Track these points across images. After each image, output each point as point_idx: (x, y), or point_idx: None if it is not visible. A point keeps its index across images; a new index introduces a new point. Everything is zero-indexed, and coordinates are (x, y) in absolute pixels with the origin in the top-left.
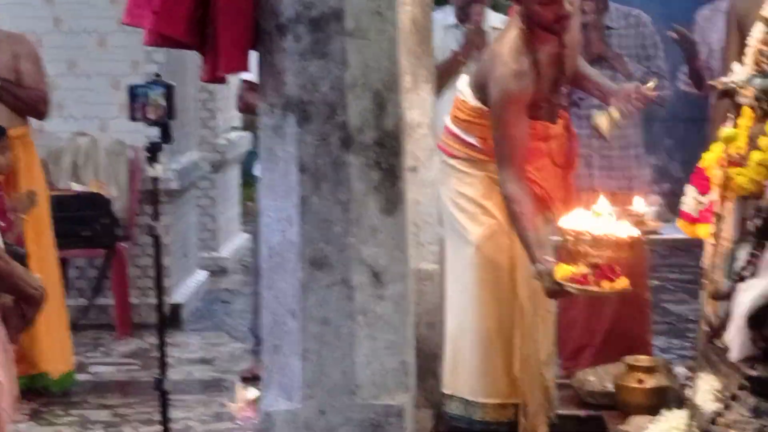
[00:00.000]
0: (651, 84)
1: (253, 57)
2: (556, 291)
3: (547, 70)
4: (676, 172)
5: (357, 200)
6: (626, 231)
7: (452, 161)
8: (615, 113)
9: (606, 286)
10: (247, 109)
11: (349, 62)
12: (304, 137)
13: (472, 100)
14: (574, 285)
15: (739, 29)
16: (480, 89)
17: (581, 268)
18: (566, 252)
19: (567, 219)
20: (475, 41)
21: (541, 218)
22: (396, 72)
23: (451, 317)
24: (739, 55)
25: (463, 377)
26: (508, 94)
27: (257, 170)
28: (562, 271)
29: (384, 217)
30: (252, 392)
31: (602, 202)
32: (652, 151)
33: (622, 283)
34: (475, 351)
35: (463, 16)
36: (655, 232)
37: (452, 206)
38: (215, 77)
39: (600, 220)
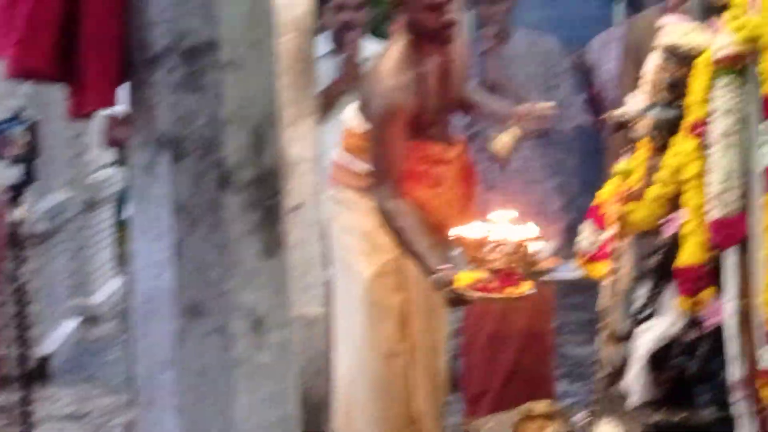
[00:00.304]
0: (546, 104)
1: (124, 91)
2: (455, 300)
3: (434, 85)
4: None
5: (235, 243)
6: (525, 235)
7: (343, 194)
8: (514, 133)
9: (510, 291)
10: (114, 143)
11: (225, 96)
12: (179, 176)
13: (362, 126)
14: (476, 293)
15: (633, 58)
16: (365, 110)
17: (482, 275)
18: (466, 260)
19: (464, 228)
20: (350, 71)
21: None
22: (276, 106)
23: (341, 362)
24: (636, 85)
25: (359, 426)
26: (390, 108)
27: (127, 212)
28: (463, 280)
29: (264, 260)
30: None
31: (499, 212)
32: (558, 184)
33: (526, 286)
34: (369, 396)
35: (337, 45)
36: (551, 271)
37: (343, 243)
38: (82, 113)
39: (497, 226)
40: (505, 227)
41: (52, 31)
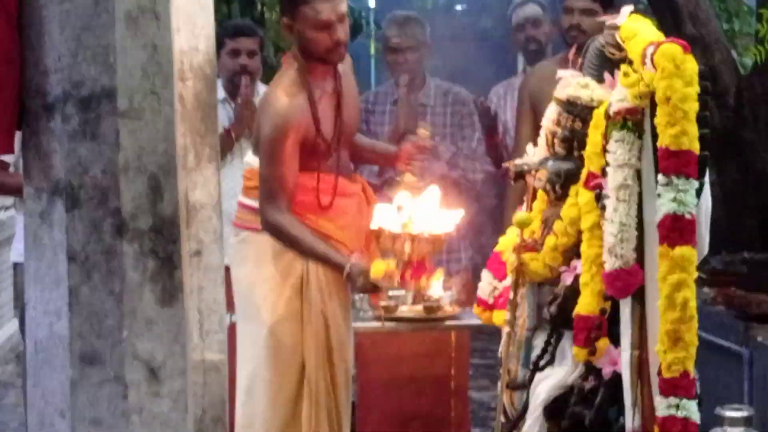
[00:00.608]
0: (422, 131)
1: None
2: (368, 288)
3: (326, 111)
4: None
5: (131, 291)
6: (440, 227)
7: (250, 236)
8: (410, 178)
9: (423, 281)
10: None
11: (122, 144)
12: (74, 224)
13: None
14: (390, 282)
15: (531, 108)
16: (258, 136)
17: (394, 265)
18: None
19: (380, 218)
20: (245, 116)
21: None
22: (173, 154)
23: (242, 408)
24: (533, 134)
25: None
26: (280, 127)
27: (15, 256)
28: (377, 268)
29: (161, 309)
30: None
31: (403, 198)
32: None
33: (438, 275)
34: None
35: (231, 90)
36: (453, 317)
37: (248, 287)
38: None
39: (410, 217)
40: (419, 215)
41: None
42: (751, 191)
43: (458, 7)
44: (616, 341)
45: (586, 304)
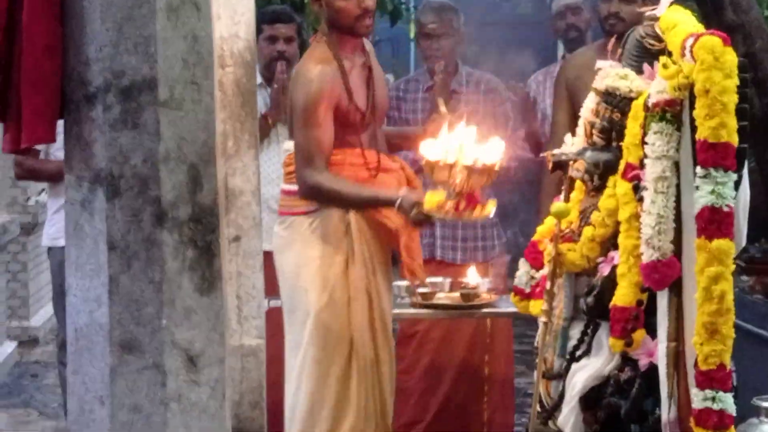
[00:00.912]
0: (443, 110)
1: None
2: (421, 220)
3: (357, 82)
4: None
5: (170, 280)
6: (492, 158)
7: (296, 220)
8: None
9: (477, 212)
10: (25, 176)
11: (162, 134)
12: (114, 213)
13: None
14: (444, 213)
15: (568, 96)
16: (292, 107)
17: (447, 197)
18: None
19: (430, 150)
20: (281, 102)
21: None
22: (212, 144)
23: (292, 391)
24: (569, 123)
25: None
26: (312, 94)
27: (47, 240)
28: (431, 200)
29: (199, 298)
30: None
31: (464, 129)
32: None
33: (491, 205)
34: (330, 418)
35: (268, 76)
36: (489, 305)
37: (295, 272)
38: (18, 148)
39: (462, 147)
40: (469, 147)
41: None
42: None
43: None
44: (652, 333)
45: (623, 296)
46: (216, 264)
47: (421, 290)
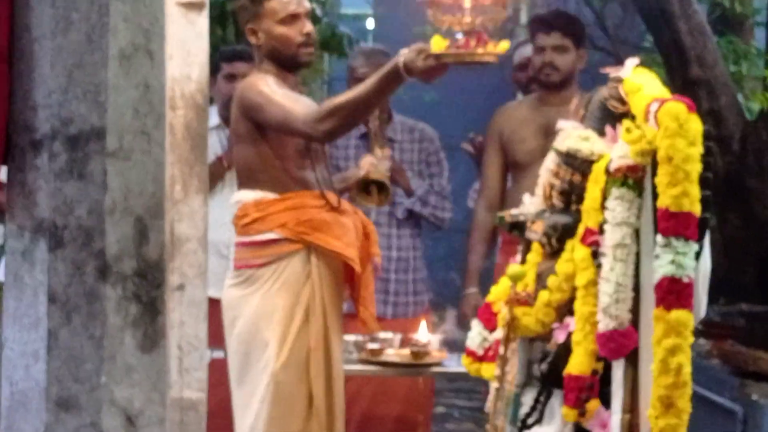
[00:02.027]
0: (381, 151)
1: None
2: (432, 66)
3: None
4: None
5: (112, 336)
6: None
7: (255, 273)
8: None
9: (489, 48)
10: None
11: (109, 185)
12: (56, 264)
13: (255, 193)
14: (457, 52)
15: (500, 148)
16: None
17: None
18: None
19: None
20: None
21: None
22: (161, 196)
23: None
24: (500, 176)
25: None
26: (264, 85)
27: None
28: (438, 44)
29: (141, 355)
30: None
31: None
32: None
33: (503, 45)
34: None
35: (226, 115)
36: (439, 363)
37: (254, 325)
38: None
39: None
40: None
41: None
42: (753, 240)
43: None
44: (606, 403)
45: (578, 364)
46: (160, 321)
47: (370, 346)
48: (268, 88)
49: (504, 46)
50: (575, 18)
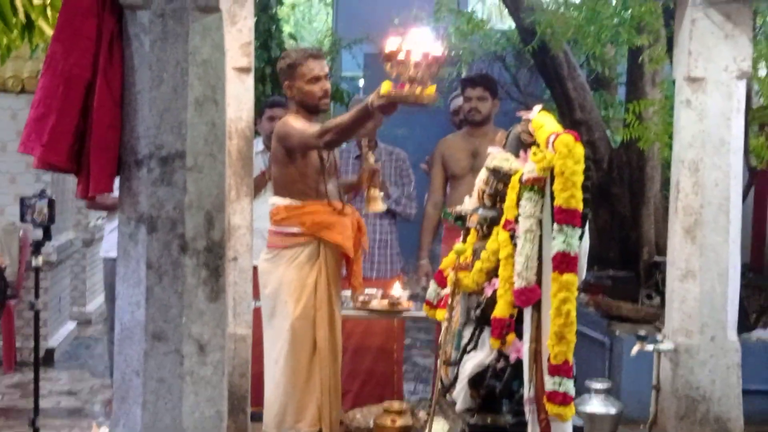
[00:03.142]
0: (371, 158)
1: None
2: (385, 106)
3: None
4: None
5: (189, 291)
6: (433, 49)
7: (280, 253)
8: (373, 192)
9: (421, 91)
10: (93, 207)
11: (188, 189)
12: (152, 243)
13: (285, 200)
14: (398, 92)
15: (442, 165)
16: (276, 146)
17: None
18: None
19: (387, 43)
20: None
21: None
22: (222, 197)
23: (270, 374)
24: (443, 184)
25: (288, 417)
26: (289, 121)
27: (102, 252)
28: (386, 87)
29: (209, 304)
30: (104, 430)
31: (417, 32)
32: (412, 247)
33: (431, 88)
34: (292, 396)
35: (268, 144)
36: (408, 310)
37: (277, 290)
38: (87, 196)
39: (411, 41)
40: (416, 42)
41: (69, 137)
42: (616, 228)
43: None
44: (520, 336)
45: (501, 310)
46: (221, 281)
47: (360, 298)
48: (294, 123)
49: (431, 89)
50: (492, 78)
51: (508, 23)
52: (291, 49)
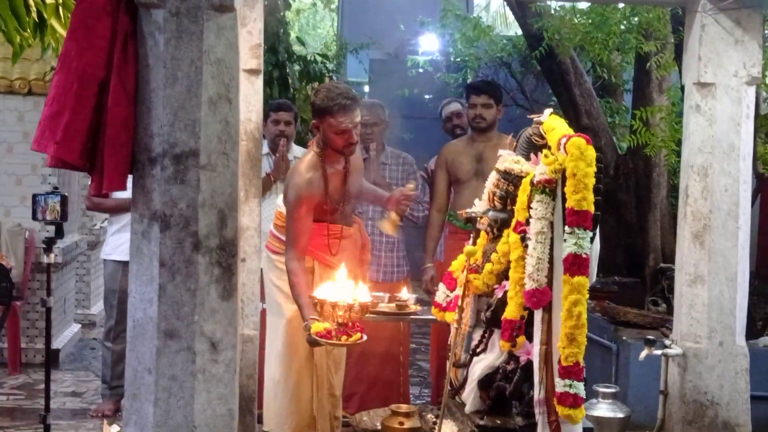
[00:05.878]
0: (410, 185)
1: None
2: (313, 342)
3: (335, 183)
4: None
5: (202, 289)
6: (360, 297)
7: (276, 257)
8: (393, 216)
9: (344, 339)
10: (92, 209)
11: (201, 188)
12: (165, 241)
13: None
14: (321, 339)
15: (446, 170)
16: (285, 196)
17: (329, 326)
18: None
19: (319, 290)
20: (280, 166)
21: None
22: (235, 195)
23: (268, 372)
24: (446, 188)
25: (281, 417)
26: (300, 196)
27: (102, 255)
28: (316, 327)
29: (221, 302)
30: (114, 429)
31: (342, 273)
32: (419, 251)
33: (356, 336)
34: (286, 397)
35: (273, 147)
36: (414, 314)
37: (274, 288)
38: (100, 193)
39: (342, 288)
40: (345, 290)
41: (82, 135)
42: (622, 235)
43: (426, 97)
44: (530, 338)
45: (511, 312)
46: (234, 279)
47: None
48: (297, 205)
49: (356, 336)
50: (497, 85)
51: (514, 29)
52: (327, 86)
